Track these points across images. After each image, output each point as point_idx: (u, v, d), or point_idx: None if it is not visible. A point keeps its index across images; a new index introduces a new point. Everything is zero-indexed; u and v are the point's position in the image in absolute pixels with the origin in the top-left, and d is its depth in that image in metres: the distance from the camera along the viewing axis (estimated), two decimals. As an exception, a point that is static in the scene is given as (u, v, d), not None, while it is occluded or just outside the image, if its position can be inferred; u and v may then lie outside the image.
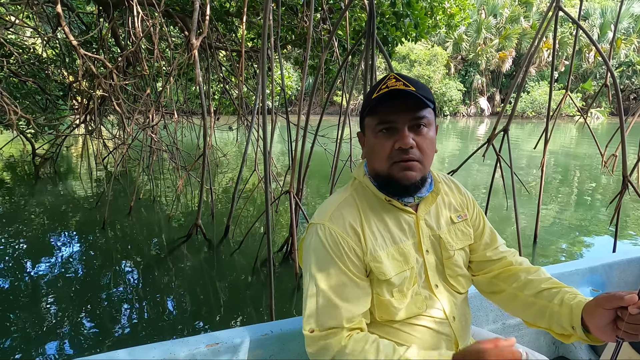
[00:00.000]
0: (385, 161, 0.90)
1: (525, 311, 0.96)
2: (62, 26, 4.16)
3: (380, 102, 0.87)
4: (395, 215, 0.96)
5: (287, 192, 3.36)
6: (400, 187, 0.91)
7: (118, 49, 6.51)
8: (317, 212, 0.98)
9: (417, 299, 0.93)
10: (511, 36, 29.59)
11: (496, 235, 1.08)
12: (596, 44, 2.86)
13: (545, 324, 0.91)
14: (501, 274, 1.03)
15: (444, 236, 0.99)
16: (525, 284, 0.97)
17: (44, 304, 2.90)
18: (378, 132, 0.90)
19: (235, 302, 3.11)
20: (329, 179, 6.64)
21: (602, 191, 7.09)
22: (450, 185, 1.07)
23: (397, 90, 0.85)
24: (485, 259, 1.04)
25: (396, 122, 0.88)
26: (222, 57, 7.68)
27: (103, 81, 4.39)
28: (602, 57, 2.80)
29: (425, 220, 0.98)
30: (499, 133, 3.10)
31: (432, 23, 6.20)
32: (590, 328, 0.80)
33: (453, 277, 0.99)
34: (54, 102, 6.56)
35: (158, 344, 1.08)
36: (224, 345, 1.12)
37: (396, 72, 0.92)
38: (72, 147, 10.57)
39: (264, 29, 2.02)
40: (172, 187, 6.70)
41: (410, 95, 0.85)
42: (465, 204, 1.06)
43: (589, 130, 3.42)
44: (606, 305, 0.76)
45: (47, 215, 5.04)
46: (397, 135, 0.88)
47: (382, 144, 0.89)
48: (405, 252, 0.93)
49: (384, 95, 0.86)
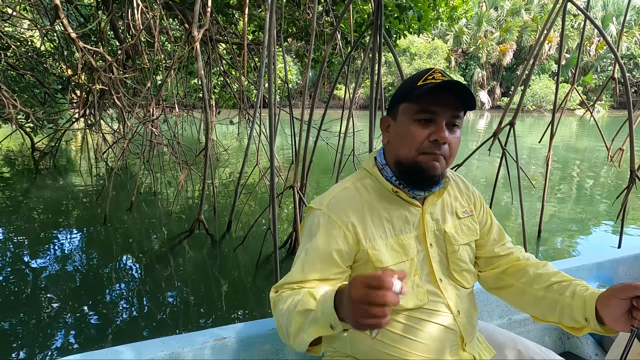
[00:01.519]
0: (415, 149, 0.89)
1: (535, 305, 0.96)
2: (61, 18, 4.09)
3: (426, 91, 0.86)
4: (400, 207, 0.96)
5: (291, 187, 3.32)
6: (423, 177, 0.91)
7: (117, 42, 6.44)
8: (317, 198, 1.00)
9: (418, 291, 0.93)
10: (512, 29, 29.42)
11: (504, 232, 1.08)
12: (606, 37, 2.81)
13: (555, 318, 0.92)
14: (508, 269, 1.03)
15: (449, 230, 0.99)
16: (534, 279, 0.97)
17: (45, 300, 2.88)
18: (415, 120, 0.89)
19: (238, 298, 3.09)
20: (329, 173, 6.62)
21: (605, 185, 7.07)
22: (457, 182, 1.08)
23: (449, 83, 0.84)
24: (494, 255, 1.05)
25: (438, 114, 0.87)
26: (222, 50, 7.59)
27: (103, 74, 4.33)
28: (611, 49, 2.75)
29: (431, 214, 0.98)
30: (505, 127, 3.06)
31: (435, 15, 6.13)
32: (605, 319, 0.80)
33: (458, 272, 0.99)
34: (53, 96, 6.49)
35: (166, 339, 1.08)
36: (232, 339, 1.11)
37: (440, 69, 0.92)
38: (71, 141, 10.51)
39: (271, 20, 1.97)
40: (172, 181, 6.66)
41: (459, 92, 0.86)
42: (472, 200, 1.06)
43: (595, 124, 3.38)
44: (621, 295, 0.76)
45: (47, 210, 5.01)
46: (435, 127, 0.87)
47: (417, 132, 0.88)
48: (405, 244, 0.94)
49: (435, 86, 0.85)
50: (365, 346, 0.95)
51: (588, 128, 18.47)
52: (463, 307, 0.97)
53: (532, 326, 1.65)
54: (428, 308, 0.93)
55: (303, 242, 0.95)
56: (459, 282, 0.99)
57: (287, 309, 0.82)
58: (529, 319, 1.63)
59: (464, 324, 0.96)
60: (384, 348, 0.93)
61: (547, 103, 28.58)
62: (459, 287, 0.99)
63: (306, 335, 0.76)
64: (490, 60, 30.37)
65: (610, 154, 3.46)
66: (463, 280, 0.99)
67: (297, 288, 0.88)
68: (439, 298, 0.95)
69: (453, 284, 0.98)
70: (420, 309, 0.93)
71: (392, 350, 0.92)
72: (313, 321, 0.75)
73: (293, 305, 0.81)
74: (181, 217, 4.82)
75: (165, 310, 2.83)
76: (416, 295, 0.93)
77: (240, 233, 4.11)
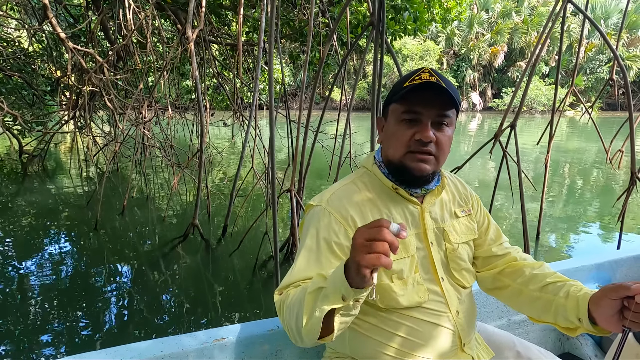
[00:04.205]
0: (401, 149, 0.91)
1: (531, 306, 0.97)
2: (49, 18, 3.99)
3: (411, 91, 0.88)
4: (400, 204, 0.97)
5: (288, 191, 3.26)
6: (410, 176, 0.93)
7: (107, 43, 6.32)
8: (317, 195, 1.01)
9: (419, 289, 0.93)
10: (503, 31, 29.70)
11: (501, 232, 1.10)
12: (607, 38, 2.79)
13: (550, 319, 0.92)
14: (505, 270, 1.04)
15: (448, 229, 1.00)
16: (530, 279, 0.98)
17: (33, 309, 2.77)
18: (401, 120, 0.91)
19: (236, 304, 3.01)
20: (325, 177, 6.56)
21: (598, 186, 7.11)
22: (455, 182, 1.09)
23: (430, 83, 0.85)
24: (491, 254, 1.06)
25: (422, 114, 0.89)
26: (214, 51, 7.50)
27: (93, 75, 4.23)
28: (612, 51, 2.74)
29: (430, 212, 0.99)
30: (506, 129, 3.03)
31: (429, 17, 6.13)
32: (597, 319, 0.81)
33: (457, 271, 0.99)
34: (42, 98, 6.35)
35: (165, 339, 1.08)
36: (231, 340, 1.12)
37: (430, 68, 0.91)
38: (60, 144, 10.31)
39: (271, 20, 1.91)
40: (165, 185, 6.54)
41: (441, 91, 0.86)
42: (469, 200, 1.08)
43: (594, 126, 3.37)
44: (612, 295, 0.76)
45: (36, 215, 4.87)
46: (419, 127, 0.89)
47: (403, 132, 0.90)
48: (405, 240, 0.93)
49: (417, 86, 0.86)
50: (364, 347, 0.95)
51: (577, 129, 18.67)
52: (462, 307, 0.97)
53: (531, 327, 1.64)
54: (427, 307, 0.93)
55: (303, 238, 0.95)
56: (459, 282, 0.99)
57: (297, 298, 0.81)
58: (528, 320, 1.62)
59: (463, 324, 0.96)
60: (383, 348, 0.93)
61: (538, 104, 28.87)
62: (459, 287, 0.99)
63: (318, 312, 0.75)
64: (482, 62, 30.61)
65: (609, 156, 3.44)
66: (463, 279, 0.99)
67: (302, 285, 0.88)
68: (439, 297, 0.95)
69: (453, 284, 0.98)
70: (420, 309, 0.93)
71: (391, 351, 0.92)
72: (325, 297, 0.74)
73: (303, 291, 0.80)
74: (174, 222, 4.72)
75: (160, 320, 2.74)
76: (417, 292, 0.92)
77: (236, 237, 4.02)
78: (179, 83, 8.19)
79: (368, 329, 0.94)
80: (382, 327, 0.92)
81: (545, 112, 29.10)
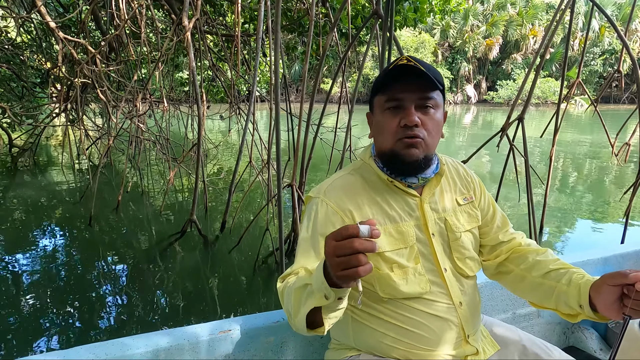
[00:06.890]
0: (391, 138, 0.91)
1: (533, 292, 0.97)
2: (38, 7, 3.83)
3: (389, 80, 0.89)
4: (398, 197, 0.97)
5: (290, 186, 3.17)
6: (403, 163, 0.92)
7: (99, 34, 6.13)
8: (315, 187, 1.01)
9: (420, 279, 0.93)
10: (498, 23, 29.63)
11: (506, 219, 1.09)
12: (618, 29, 2.73)
13: (552, 305, 0.93)
14: (510, 256, 1.04)
15: (450, 218, 0.99)
16: (533, 265, 0.98)
17: (26, 306, 2.67)
18: (385, 109, 0.92)
19: (237, 302, 2.94)
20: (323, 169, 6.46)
21: (591, 179, 7.11)
22: (457, 168, 1.08)
23: (405, 67, 0.86)
24: (498, 242, 1.06)
25: (404, 100, 0.89)
26: (209, 41, 7.34)
27: (85, 67, 4.08)
28: (623, 42, 2.67)
29: (430, 203, 0.98)
30: (513, 122, 2.96)
31: (428, 8, 6.04)
32: (598, 306, 0.81)
33: (461, 260, 0.98)
34: (31, 90, 6.17)
35: (171, 330, 1.09)
36: (236, 332, 1.12)
37: (409, 55, 0.91)
38: (51, 137, 10.11)
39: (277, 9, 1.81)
40: (160, 179, 6.42)
41: (419, 74, 0.86)
42: (471, 186, 1.06)
43: (600, 120, 3.32)
44: (611, 282, 0.77)
45: (28, 210, 4.74)
46: (403, 112, 0.89)
47: (389, 121, 0.91)
48: (403, 231, 0.94)
49: (394, 73, 0.87)
50: (368, 338, 0.96)
51: (571, 122, 18.73)
52: (466, 299, 0.97)
53: (536, 320, 1.63)
54: (429, 299, 0.93)
55: (303, 230, 0.96)
56: (462, 271, 0.98)
57: (289, 290, 0.83)
58: (533, 313, 1.62)
59: (466, 316, 0.95)
60: (387, 340, 0.93)
61: (534, 97, 28.93)
62: (462, 277, 0.98)
63: (303, 309, 0.76)
64: (477, 54, 30.56)
65: (614, 150, 3.40)
66: (466, 268, 0.98)
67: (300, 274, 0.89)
68: (441, 289, 0.94)
69: (457, 275, 0.98)
70: (422, 300, 0.92)
71: (394, 342, 0.93)
72: (309, 294, 0.75)
73: (293, 284, 0.82)
74: (171, 217, 4.62)
75: (158, 318, 2.66)
76: (418, 283, 0.92)
77: (234, 233, 3.94)
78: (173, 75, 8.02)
79: (372, 321, 0.95)
80: (385, 319, 0.93)
81: (540, 105, 29.17)
